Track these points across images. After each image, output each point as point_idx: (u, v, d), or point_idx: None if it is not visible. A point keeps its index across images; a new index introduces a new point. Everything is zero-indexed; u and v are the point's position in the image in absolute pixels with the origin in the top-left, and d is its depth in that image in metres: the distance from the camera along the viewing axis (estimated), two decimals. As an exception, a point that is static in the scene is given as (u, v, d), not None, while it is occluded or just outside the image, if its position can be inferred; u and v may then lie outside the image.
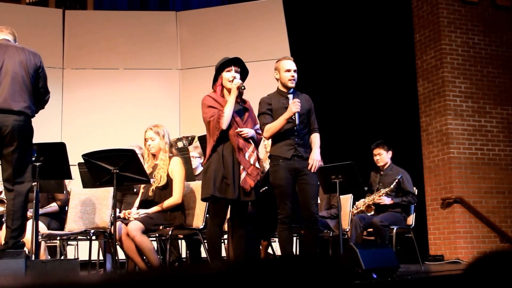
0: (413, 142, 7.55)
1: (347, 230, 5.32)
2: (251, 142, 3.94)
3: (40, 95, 3.94)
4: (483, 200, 7.24)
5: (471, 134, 7.34)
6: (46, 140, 4.36)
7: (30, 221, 4.12)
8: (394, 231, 5.20)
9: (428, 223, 7.37)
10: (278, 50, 7.75)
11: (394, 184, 5.35)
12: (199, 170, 5.39)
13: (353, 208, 5.43)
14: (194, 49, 8.62)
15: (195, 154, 5.52)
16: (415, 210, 5.54)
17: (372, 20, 7.77)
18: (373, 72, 7.72)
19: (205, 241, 4.51)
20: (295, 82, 4.14)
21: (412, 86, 7.69)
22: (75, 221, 4.84)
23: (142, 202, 4.62)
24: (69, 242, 5.72)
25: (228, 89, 3.98)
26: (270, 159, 4.19)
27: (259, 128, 4.10)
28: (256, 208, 4.77)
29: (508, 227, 7.28)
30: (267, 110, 4.11)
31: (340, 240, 4.52)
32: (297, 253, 5.32)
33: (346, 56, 7.88)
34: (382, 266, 3.85)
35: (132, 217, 4.42)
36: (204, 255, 5.13)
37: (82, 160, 4.32)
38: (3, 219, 4.01)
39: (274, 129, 4.04)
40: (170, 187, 4.52)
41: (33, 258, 3.80)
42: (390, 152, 5.65)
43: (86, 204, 4.90)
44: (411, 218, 5.47)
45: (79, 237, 4.92)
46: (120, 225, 4.35)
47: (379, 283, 3.64)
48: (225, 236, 4.82)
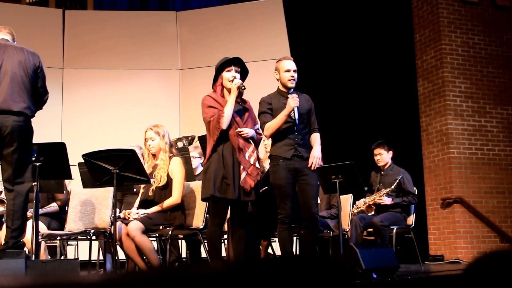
0: (413, 142, 7.55)
1: (347, 230, 5.32)
2: (251, 142, 3.94)
3: (39, 95, 3.94)
4: (483, 200, 7.24)
5: (471, 134, 7.34)
6: (46, 140, 4.35)
7: (30, 221, 4.12)
8: (394, 231, 5.20)
9: (428, 223, 7.37)
10: (278, 50, 7.75)
11: (395, 184, 5.35)
12: (199, 170, 5.39)
13: (353, 207, 5.43)
14: (194, 49, 8.62)
15: (195, 154, 5.52)
16: (415, 210, 5.53)
17: (372, 20, 7.77)
18: (373, 72, 7.72)
19: (205, 241, 4.51)
20: (295, 82, 4.14)
21: (412, 86, 7.69)
22: (75, 221, 4.84)
23: (142, 202, 4.62)
24: (69, 242, 5.72)
25: (228, 89, 3.98)
26: (270, 159, 4.19)
27: (259, 128, 4.10)
28: (256, 208, 4.77)
29: (508, 227, 7.28)
30: (267, 109, 4.11)
31: (340, 240, 4.52)
32: (297, 253, 5.32)
33: (346, 56, 7.87)
34: (382, 266, 3.85)
35: (131, 217, 4.42)
36: (204, 255, 5.13)
37: (82, 160, 4.32)
38: (3, 219, 4.01)
39: (274, 126, 4.04)
40: (170, 187, 4.52)
41: (33, 258, 3.80)
42: (391, 152, 5.65)
43: (86, 204, 4.90)
44: (411, 218, 5.46)
45: (79, 237, 4.92)
46: (120, 225, 4.35)
47: (379, 283, 3.64)
48: (225, 236, 4.82)
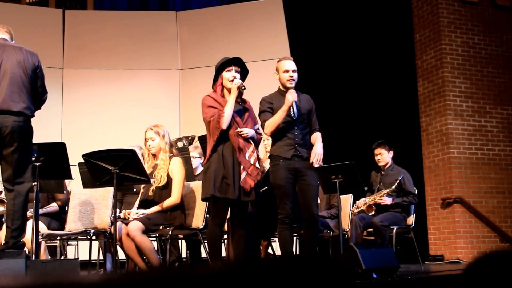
0: (413, 142, 7.55)
1: (347, 230, 5.32)
2: (251, 142, 3.94)
3: (38, 95, 3.93)
4: (483, 200, 7.24)
5: (471, 134, 7.34)
6: (46, 140, 4.35)
7: (30, 221, 4.12)
8: (394, 231, 5.20)
9: (428, 223, 7.37)
10: (278, 50, 7.75)
11: (396, 184, 5.35)
12: (199, 170, 5.39)
13: (353, 207, 5.43)
14: (194, 49, 8.62)
15: (195, 154, 5.52)
16: (415, 210, 5.53)
17: (372, 20, 7.77)
18: (373, 72, 7.72)
19: (205, 241, 4.51)
20: (294, 82, 4.12)
21: (412, 86, 7.69)
22: (75, 221, 4.84)
23: (142, 202, 4.62)
24: (69, 242, 5.72)
25: (228, 89, 3.98)
26: (270, 159, 4.19)
27: (259, 128, 4.10)
28: (256, 208, 4.77)
29: (508, 227, 7.28)
30: (268, 108, 4.11)
31: (340, 240, 4.52)
32: (297, 253, 5.32)
33: (346, 56, 7.87)
34: (382, 266, 3.85)
35: (131, 217, 4.42)
36: (204, 255, 5.13)
37: (82, 160, 4.32)
38: (3, 219, 4.01)
39: (274, 123, 4.03)
40: (170, 187, 4.52)
41: (33, 258, 3.79)
42: (391, 152, 5.65)
43: (86, 204, 4.90)
44: (411, 218, 5.46)
45: (79, 237, 4.92)
46: (120, 225, 4.35)
47: (379, 283, 3.64)
48: (225, 236, 4.82)
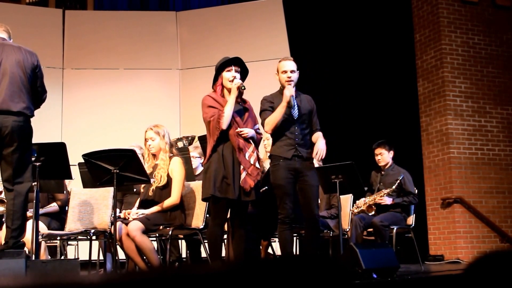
0: (413, 142, 7.55)
1: (347, 230, 5.31)
2: (251, 142, 3.94)
3: (38, 94, 3.93)
4: (483, 200, 7.24)
5: (471, 134, 7.34)
6: (46, 140, 4.35)
7: (30, 221, 4.12)
8: (394, 231, 5.20)
9: (428, 223, 7.37)
10: (278, 50, 7.75)
11: (396, 184, 5.34)
12: (199, 170, 5.39)
13: (353, 207, 5.42)
14: (194, 49, 8.62)
15: (195, 154, 5.52)
16: (415, 210, 5.53)
17: (372, 20, 7.77)
18: (373, 72, 7.72)
19: (205, 241, 4.50)
20: (293, 83, 4.11)
21: (412, 86, 7.69)
22: (75, 221, 4.84)
23: (142, 202, 4.62)
24: (69, 242, 5.72)
25: (228, 89, 3.98)
26: (270, 159, 4.19)
27: (259, 128, 4.10)
28: (256, 208, 4.76)
29: (508, 227, 7.28)
30: (268, 107, 4.10)
31: (340, 240, 4.52)
32: (297, 253, 5.32)
33: (346, 56, 7.87)
34: (382, 266, 3.85)
35: (131, 217, 4.42)
36: (204, 255, 5.13)
37: (82, 160, 4.32)
38: (3, 219, 4.01)
39: (274, 120, 4.02)
40: (170, 187, 4.52)
41: (33, 258, 3.79)
42: (392, 152, 5.65)
43: (86, 204, 4.90)
44: (411, 218, 5.46)
45: (79, 237, 4.92)
46: (120, 225, 4.35)
47: (379, 283, 3.64)
48: (225, 236, 4.82)
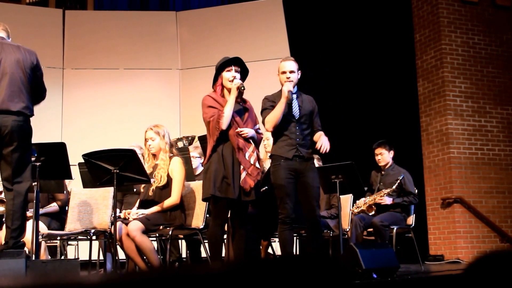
0: (413, 142, 7.55)
1: (347, 230, 5.32)
2: (251, 142, 3.94)
3: (37, 92, 3.93)
4: (483, 200, 7.24)
5: (471, 134, 7.34)
6: (46, 140, 4.35)
7: (30, 221, 4.12)
8: (394, 231, 5.20)
9: (428, 223, 7.37)
10: (278, 50, 7.76)
11: (396, 184, 5.34)
12: (199, 170, 5.39)
13: (353, 207, 5.42)
14: (194, 49, 8.62)
15: (195, 154, 5.52)
16: (415, 210, 5.53)
17: (372, 20, 7.77)
18: (373, 72, 7.72)
19: (205, 241, 4.50)
20: (293, 83, 4.11)
21: (412, 86, 7.69)
22: (75, 221, 4.84)
23: (142, 202, 4.62)
24: (69, 242, 5.72)
25: (228, 89, 3.98)
26: (271, 158, 4.19)
27: (259, 128, 4.10)
28: (256, 208, 4.76)
29: (508, 227, 7.28)
30: (270, 106, 4.10)
31: (340, 240, 4.52)
32: (297, 253, 5.32)
33: (346, 56, 7.88)
34: (382, 266, 3.85)
35: (131, 217, 4.42)
36: (204, 255, 5.13)
37: (82, 160, 4.31)
38: (3, 219, 4.01)
39: (274, 117, 4.01)
40: (170, 187, 4.52)
41: (33, 258, 3.79)
42: (392, 152, 5.64)
43: (86, 204, 4.90)
44: (411, 218, 5.46)
45: (80, 237, 4.92)
46: (120, 225, 4.35)
47: (379, 283, 3.64)
48: (225, 236, 4.82)
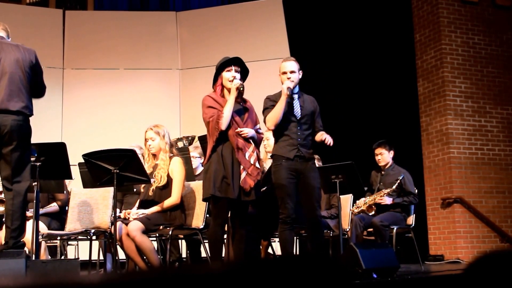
0: (413, 142, 7.55)
1: (347, 230, 5.32)
2: (251, 142, 3.94)
3: (37, 90, 3.93)
4: (483, 200, 7.24)
5: (471, 134, 7.34)
6: (46, 140, 4.35)
7: (30, 221, 4.12)
8: (394, 231, 5.20)
9: (428, 223, 7.37)
10: (278, 50, 7.76)
11: (396, 184, 5.34)
12: (199, 170, 5.39)
13: (353, 207, 5.42)
14: (194, 49, 8.62)
15: (195, 154, 5.52)
16: (415, 210, 5.53)
17: (372, 20, 7.77)
18: (373, 72, 7.72)
19: (205, 241, 4.50)
20: (293, 83, 4.11)
21: (412, 86, 7.69)
22: (75, 221, 4.84)
23: (142, 202, 4.62)
24: (69, 242, 5.72)
25: (228, 89, 3.97)
26: (272, 158, 4.18)
27: (260, 128, 4.10)
28: (256, 208, 4.76)
29: (508, 227, 7.28)
30: (271, 106, 4.09)
31: (340, 240, 4.52)
32: (297, 253, 5.32)
33: (346, 56, 7.87)
34: (382, 266, 3.85)
35: (131, 217, 4.42)
36: (204, 255, 5.13)
37: (83, 160, 4.32)
38: (3, 219, 4.01)
39: (275, 115, 4.01)
40: (170, 187, 4.52)
41: (33, 258, 3.79)
42: (392, 152, 5.64)
43: (86, 204, 4.90)
44: (411, 218, 5.46)
45: (80, 237, 4.92)
46: (120, 225, 4.35)
47: (379, 283, 3.64)
48: (225, 236, 4.82)
